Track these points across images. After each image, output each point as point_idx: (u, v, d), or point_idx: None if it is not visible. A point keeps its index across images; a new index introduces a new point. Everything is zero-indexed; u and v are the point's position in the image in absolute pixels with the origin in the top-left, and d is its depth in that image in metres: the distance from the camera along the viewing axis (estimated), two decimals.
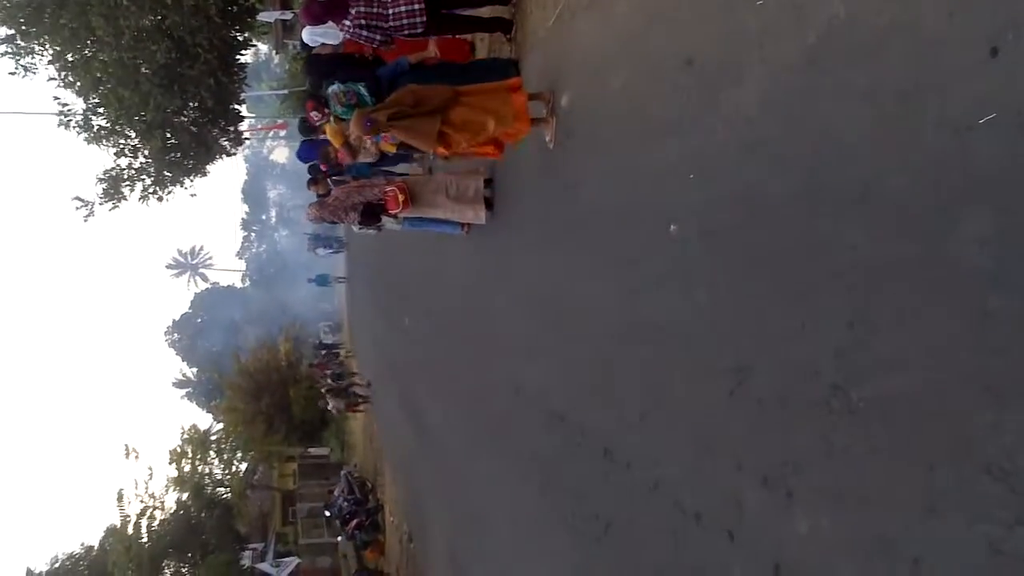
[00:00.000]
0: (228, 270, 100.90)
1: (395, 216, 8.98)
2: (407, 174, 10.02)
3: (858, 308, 2.97)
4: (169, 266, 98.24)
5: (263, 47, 45.03)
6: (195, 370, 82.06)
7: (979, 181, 2.50)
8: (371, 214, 9.00)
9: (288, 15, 22.75)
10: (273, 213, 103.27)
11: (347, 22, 7.17)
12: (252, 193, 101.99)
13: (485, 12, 8.35)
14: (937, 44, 2.69)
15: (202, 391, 72.69)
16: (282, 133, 69.67)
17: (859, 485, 2.93)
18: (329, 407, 24.13)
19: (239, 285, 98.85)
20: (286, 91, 37.31)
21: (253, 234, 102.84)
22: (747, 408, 3.67)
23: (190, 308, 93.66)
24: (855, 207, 3.01)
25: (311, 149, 11.36)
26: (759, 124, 3.71)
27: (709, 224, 4.16)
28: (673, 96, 4.60)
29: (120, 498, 37.12)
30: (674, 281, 4.50)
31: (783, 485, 3.37)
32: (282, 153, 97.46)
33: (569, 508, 6.03)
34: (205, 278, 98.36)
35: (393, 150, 8.15)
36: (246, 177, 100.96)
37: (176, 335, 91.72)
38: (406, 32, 7.30)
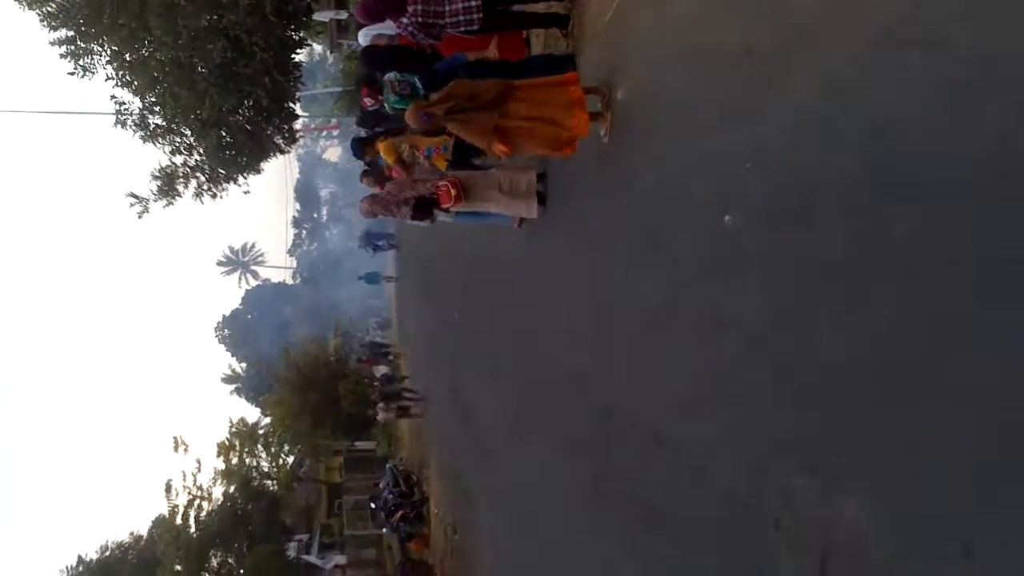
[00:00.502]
0: (279, 267, 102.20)
1: (447, 210, 9.07)
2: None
3: (915, 293, 2.98)
4: (220, 263, 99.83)
5: (317, 47, 45.57)
6: (244, 365, 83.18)
7: None
8: (423, 208, 9.09)
9: (343, 14, 23.00)
10: (324, 211, 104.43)
11: (404, 19, 7.26)
12: (304, 191, 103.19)
13: (540, 7, 8.41)
14: (1005, 29, 2.69)
15: (250, 386, 73.61)
16: (335, 132, 70.44)
17: (910, 471, 2.93)
18: (378, 417, 23.95)
19: (290, 282, 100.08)
20: (340, 89, 37.71)
21: (304, 232, 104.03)
22: (798, 395, 3.69)
23: (241, 304, 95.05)
24: (916, 193, 3.02)
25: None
26: (818, 112, 3.72)
27: (764, 214, 4.18)
28: (731, 86, 4.62)
29: (168, 489, 37.82)
30: (728, 271, 4.52)
31: (832, 471, 3.39)
32: (335, 152, 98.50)
33: (616, 498, 6.07)
34: (256, 275, 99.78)
35: (444, 166, 8.28)
36: (298, 176, 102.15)
37: (226, 331, 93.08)
38: (462, 29, 7.37)
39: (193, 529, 36.86)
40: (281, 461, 42.31)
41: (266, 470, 41.91)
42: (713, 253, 4.71)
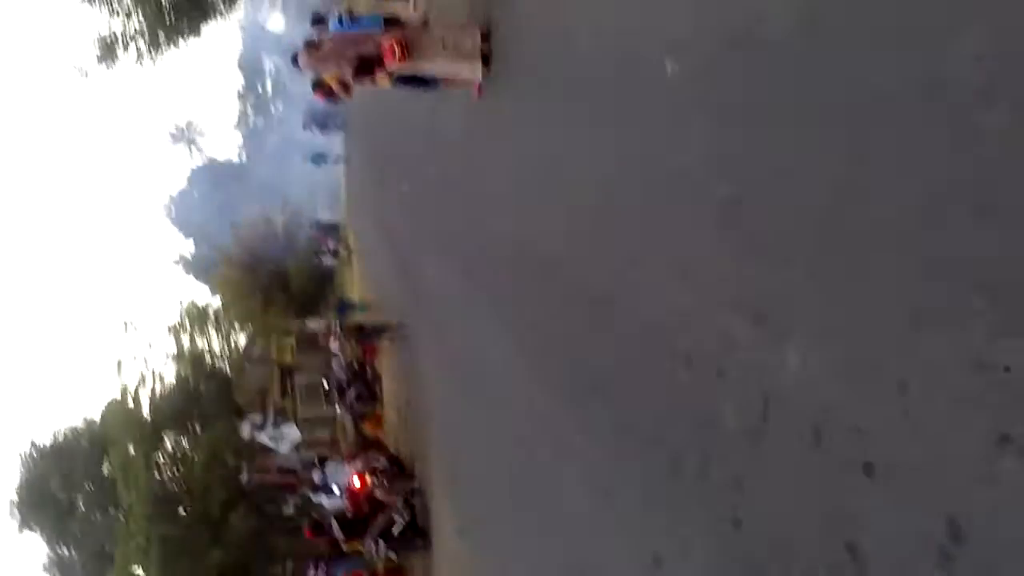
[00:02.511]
0: (224, 145, 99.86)
1: (390, 72, 8.70)
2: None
3: (856, 138, 2.90)
4: (171, 135, 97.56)
5: None
6: (192, 240, 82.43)
7: None
8: (366, 68, 8.71)
9: None
10: (269, 84, 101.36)
11: None
12: (248, 64, 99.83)
13: None
14: None
15: (200, 267, 72.89)
16: None
17: (848, 312, 2.91)
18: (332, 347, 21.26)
19: (236, 161, 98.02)
20: None
21: (249, 107, 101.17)
22: (743, 244, 3.63)
23: (187, 183, 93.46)
24: (855, 32, 2.94)
25: None
26: None
27: (705, 62, 4.02)
28: None
29: (119, 368, 37.42)
30: (671, 122, 4.41)
31: (774, 320, 3.37)
32: (278, 21, 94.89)
33: (561, 361, 6.06)
34: (201, 152, 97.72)
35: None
36: (241, 49, 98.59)
37: (174, 210, 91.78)
38: None
39: (146, 410, 36.66)
40: (232, 344, 42.05)
41: (218, 353, 41.66)
42: (656, 105, 4.56)
